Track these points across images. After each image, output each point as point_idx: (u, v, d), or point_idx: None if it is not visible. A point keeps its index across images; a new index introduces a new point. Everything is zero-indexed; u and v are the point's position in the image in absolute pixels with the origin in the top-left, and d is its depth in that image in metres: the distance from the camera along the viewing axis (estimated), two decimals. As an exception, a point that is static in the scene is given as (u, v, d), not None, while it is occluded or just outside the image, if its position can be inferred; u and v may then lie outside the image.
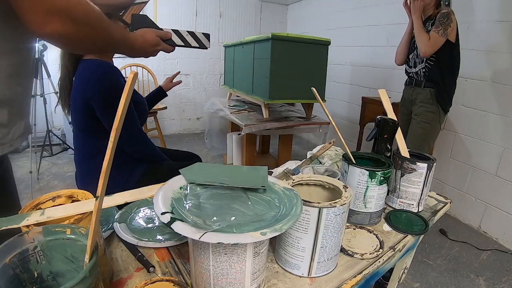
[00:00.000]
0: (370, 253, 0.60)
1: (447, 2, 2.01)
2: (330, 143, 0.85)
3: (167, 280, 0.47)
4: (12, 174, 0.65)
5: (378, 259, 0.59)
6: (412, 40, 1.78)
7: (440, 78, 1.68)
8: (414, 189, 0.78)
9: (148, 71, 3.10)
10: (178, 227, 0.39)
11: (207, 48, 0.89)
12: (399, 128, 0.80)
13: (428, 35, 1.60)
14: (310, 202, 0.49)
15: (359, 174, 0.68)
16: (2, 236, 0.39)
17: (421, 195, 0.78)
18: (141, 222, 0.68)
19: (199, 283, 0.45)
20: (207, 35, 0.88)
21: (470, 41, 1.93)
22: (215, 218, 0.42)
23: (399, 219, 0.74)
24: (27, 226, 0.42)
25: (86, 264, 0.35)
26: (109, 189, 0.38)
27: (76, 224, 0.44)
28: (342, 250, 0.60)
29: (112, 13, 0.84)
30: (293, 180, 0.60)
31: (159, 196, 0.45)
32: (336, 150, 0.97)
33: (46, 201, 0.51)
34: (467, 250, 1.78)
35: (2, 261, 0.36)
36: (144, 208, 0.73)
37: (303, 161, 0.85)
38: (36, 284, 0.40)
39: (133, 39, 0.69)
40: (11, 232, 0.40)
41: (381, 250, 0.62)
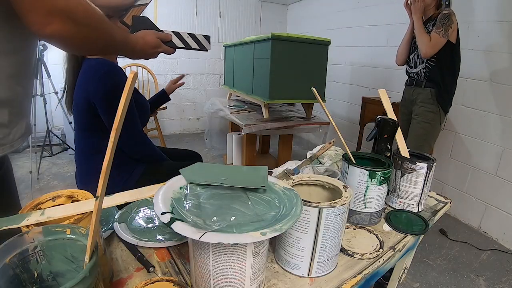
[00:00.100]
0: (370, 253, 0.60)
1: (447, 2, 2.01)
2: (330, 143, 0.85)
3: (167, 280, 0.47)
4: (13, 174, 0.65)
5: (378, 259, 0.59)
6: (413, 41, 1.78)
7: (440, 78, 1.68)
8: (414, 189, 0.78)
9: (148, 71, 3.10)
10: (178, 227, 0.39)
11: (208, 50, 0.89)
12: (399, 128, 0.80)
13: (429, 36, 1.61)
14: (310, 202, 0.49)
15: (359, 174, 0.68)
16: (2, 236, 0.39)
17: (421, 195, 0.78)
18: (141, 222, 0.68)
19: (199, 283, 0.45)
20: (207, 37, 0.87)
21: (470, 41, 1.93)
22: (215, 218, 0.42)
23: (399, 219, 0.74)
24: (27, 226, 0.42)
25: (86, 264, 0.35)
26: (109, 189, 0.38)
27: (76, 224, 0.44)
28: (342, 250, 0.60)
29: (113, 14, 0.84)
30: (293, 180, 0.60)
31: (159, 196, 0.45)
32: (336, 150, 0.97)
33: (46, 201, 0.51)
34: (467, 250, 1.78)
35: (2, 261, 0.36)
36: (144, 208, 0.73)
37: (303, 161, 0.85)
38: (36, 284, 0.40)
39: (134, 41, 0.69)
40: (11, 232, 0.40)
41: (381, 250, 0.62)
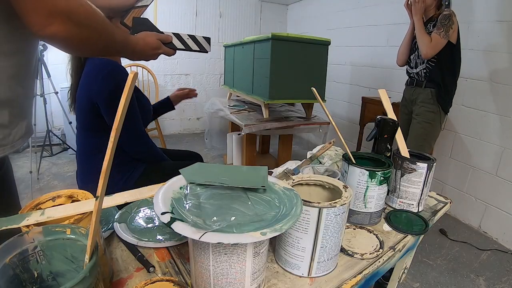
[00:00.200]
0: (370, 253, 0.60)
1: (447, 3, 2.01)
2: (330, 143, 0.85)
3: (167, 280, 0.47)
4: (13, 174, 0.65)
5: (378, 259, 0.59)
6: (413, 41, 1.78)
7: (441, 78, 1.69)
8: (414, 189, 0.78)
9: (148, 71, 3.10)
10: (178, 227, 0.39)
11: (208, 52, 0.89)
12: (399, 128, 0.80)
13: (430, 36, 1.61)
14: (310, 202, 0.49)
15: (359, 174, 0.68)
16: (2, 236, 0.39)
17: (421, 195, 0.78)
18: (141, 222, 0.68)
19: (199, 283, 0.45)
20: (207, 39, 0.88)
21: (469, 41, 1.93)
22: (215, 218, 0.42)
23: (399, 219, 0.74)
24: (27, 226, 0.42)
25: (86, 264, 0.35)
26: (109, 189, 0.38)
27: (76, 224, 0.44)
28: (342, 250, 0.60)
29: (114, 16, 0.84)
30: (293, 180, 0.60)
31: (159, 196, 0.45)
32: (336, 150, 0.97)
33: (46, 201, 0.51)
34: (467, 250, 1.78)
35: (2, 261, 0.36)
36: (144, 208, 0.73)
37: (303, 161, 0.85)
38: (36, 284, 0.40)
39: (134, 42, 0.69)
40: (11, 232, 0.40)
41: (381, 250, 0.62)
